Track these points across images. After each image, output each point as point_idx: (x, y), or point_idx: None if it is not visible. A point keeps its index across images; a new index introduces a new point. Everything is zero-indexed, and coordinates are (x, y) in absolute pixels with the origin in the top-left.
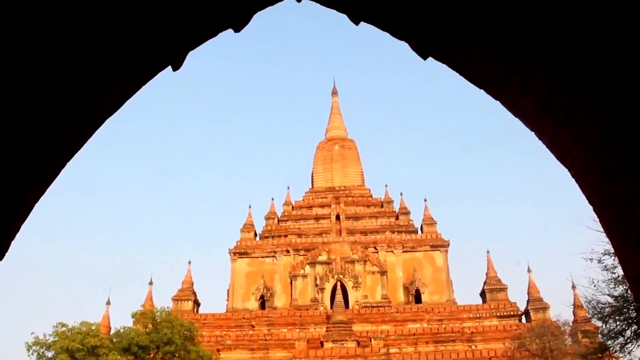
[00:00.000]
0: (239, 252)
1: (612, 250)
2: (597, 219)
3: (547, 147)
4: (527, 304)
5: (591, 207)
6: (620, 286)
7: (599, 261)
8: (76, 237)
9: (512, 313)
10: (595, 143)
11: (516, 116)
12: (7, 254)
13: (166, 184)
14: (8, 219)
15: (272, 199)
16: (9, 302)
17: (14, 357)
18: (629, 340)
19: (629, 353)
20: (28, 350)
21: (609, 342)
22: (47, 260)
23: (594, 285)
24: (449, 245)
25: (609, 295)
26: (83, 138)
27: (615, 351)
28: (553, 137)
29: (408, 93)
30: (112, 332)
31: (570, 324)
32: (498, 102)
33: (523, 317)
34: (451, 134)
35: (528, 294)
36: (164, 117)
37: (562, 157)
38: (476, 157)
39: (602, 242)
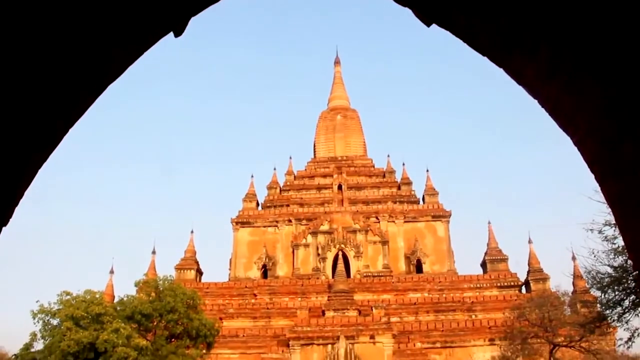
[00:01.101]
0: (241, 222)
1: (613, 221)
2: (599, 189)
3: (550, 114)
4: (527, 274)
5: (593, 176)
6: (620, 257)
7: (600, 232)
8: (81, 207)
9: (512, 283)
10: (599, 109)
11: (519, 84)
12: (13, 220)
13: (169, 155)
14: (12, 183)
15: (275, 169)
16: (15, 270)
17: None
18: (626, 310)
19: (626, 322)
20: (34, 318)
21: (607, 311)
22: (52, 230)
23: (594, 256)
24: (450, 215)
25: (608, 265)
26: (86, 103)
27: (613, 320)
28: (556, 104)
29: (411, 63)
30: (116, 300)
31: (570, 294)
32: (501, 70)
33: (523, 287)
34: (454, 105)
35: (528, 264)
36: (168, 88)
37: (565, 124)
38: (479, 128)
39: (602, 213)
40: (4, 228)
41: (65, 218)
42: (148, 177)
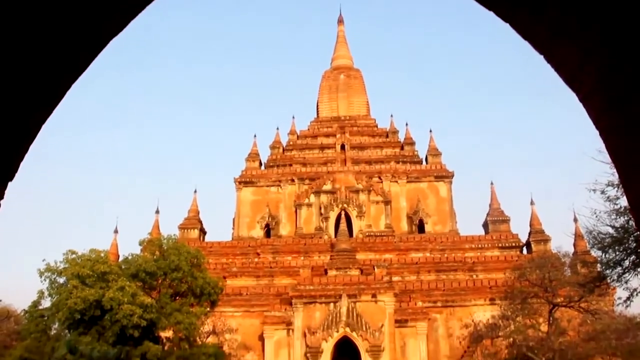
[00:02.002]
0: (244, 181)
1: (616, 182)
2: (603, 146)
3: (555, 71)
4: (528, 235)
5: (597, 134)
6: (622, 217)
7: (602, 192)
8: (85, 168)
9: (513, 244)
10: (606, 63)
11: (525, 39)
12: (20, 179)
13: (173, 113)
14: (17, 138)
15: (277, 128)
16: (23, 229)
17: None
18: (626, 270)
19: (625, 282)
20: (41, 277)
21: (608, 271)
22: (58, 190)
23: (596, 217)
24: (453, 176)
25: (610, 226)
26: (88, 59)
27: (613, 280)
28: (562, 59)
29: (415, 23)
30: (121, 259)
31: (570, 255)
32: (507, 26)
33: (524, 248)
34: (458, 65)
35: (530, 225)
36: (169, 51)
37: (571, 80)
38: (482, 89)
39: (606, 173)
40: (10, 183)
41: (70, 178)
42: (151, 137)
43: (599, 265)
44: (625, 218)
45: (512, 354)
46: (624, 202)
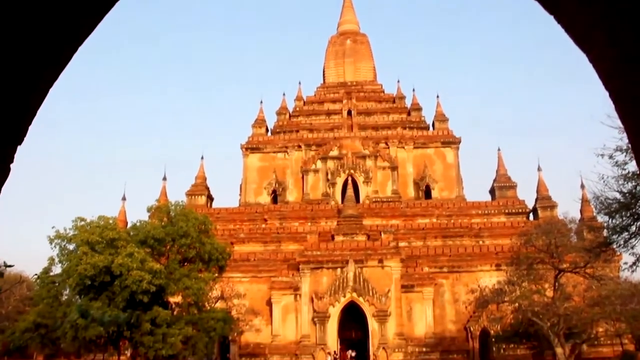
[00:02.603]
0: (251, 148)
1: (624, 147)
2: (612, 110)
3: (565, 31)
4: (535, 202)
5: (607, 95)
6: (630, 182)
7: (610, 157)
8: (93, 135)
9: (520, 210)
10: (617, 23)
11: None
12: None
13: (179, 81)
14: (24, 100)
15: (284, 94)
16: (32, 196)
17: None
18: (633, 236)
19: (631, 248)
20: (51, 243)
21: (614, 236)
22: (66, 158)
23: (603, 182)
24: (460, 142)
25: (617, 191)
26: (93, 23)
27: (619, 246)
28: (573, 20)
29: None
30: (129, 226)
31: (577, 222)
32: None
33: (531, 214)
34: (465, 31)
35: (537, 192)
36: (179, 16)
37: (581, 40)
38: (489, 54)
39: (614, 138)
40: (20, 148)
41: (78, 146)
42: (159, 105)
43: (605, 230)
44: (633, 183)
45: (518, 319)
46: (632, 167)
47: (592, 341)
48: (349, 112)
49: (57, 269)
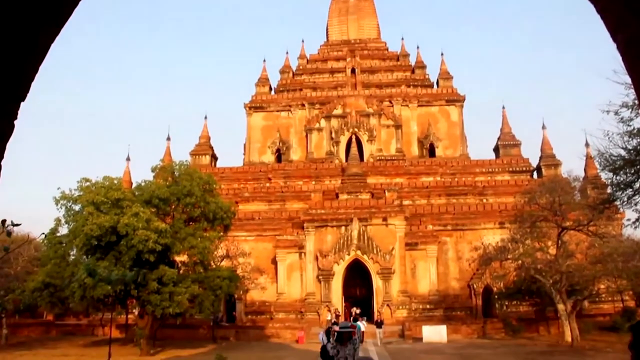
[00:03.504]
0: (255, 107)
1: (630, 103)
2: (619, 66)
3: None
4: (539, 160)
5: (615, 47)
6: (635, 139)
7: (616, 113)
8: (96, 95)
9: (524, 168)
10: None
11: None
12: (34, 109)
13: (184, 39)
14: (26, 56)
15: (287, 53)
16: (37, 157)
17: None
18: (636, 192)
19: (635, 204)
20: (57, 204)
21: (618, 193)
22: (70, 119)
23: (608, 138)
24: (464, 100)
25: (622, 148)
26: None
27: (623, 202)
28: None
29: None
30: (134, 186)
31: (581, 180)
32: None
33: (535, 172)
34: None
35: (541, 150)
36: None
37: None
38: (495, 9)
39: (620, 94)
40: (22, 104)
41: (82, 106)
42: (162, 63)
43: (609, 187)
44: (639, 140)
45: (520, 276)
46: (637, 123)
47: (594, 298)
48: (353, 71)
49: (63, 230)
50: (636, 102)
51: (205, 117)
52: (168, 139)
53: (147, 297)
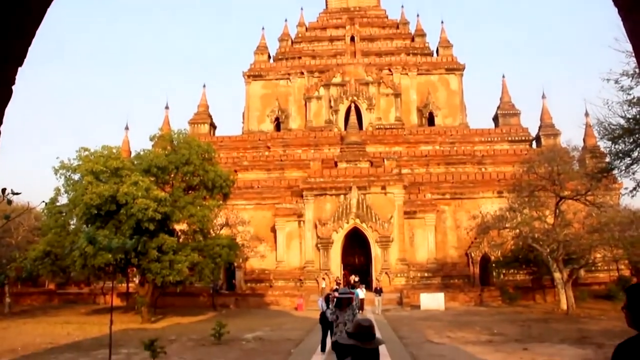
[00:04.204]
0: (253, 75)
1: (631, 71)
2: (621, 27)
3: None
4: (538, 129)
5: (616, 12)
6: (634, 108)
7: (616, 82)
8: (95, 64)
9: (523, 138)
10: None
11: None
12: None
13: (181, 9)
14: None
15: (286, 21)
16: (36, 126)
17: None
18: (635, 161)
19: (633, 174)
20: (56, 174)
21: (616, 162)
22: (69, 88)
23: (608, 107)
24: (464, 68)
25: (621, 117)
26: None
27: (621, 171)
28: None
29: None
30: (132, 155)
31: (580, 149)
32: None
33: (534, 142)
34: None
35: (540, 119)
36: None
37: None
38: None
39: (621, 62)
40: (20, 69)
41: (80, 76)
42: (160, 31)
43: (607, 156)
44: (638, 109)
45: (518, 245)
46: (637, 92)
47: (590, 267)
48: (352, 39)
49: (63, 199)
50: (637, 70)
51: (204, 86)
52: (166, 107)
53: (147, 265)
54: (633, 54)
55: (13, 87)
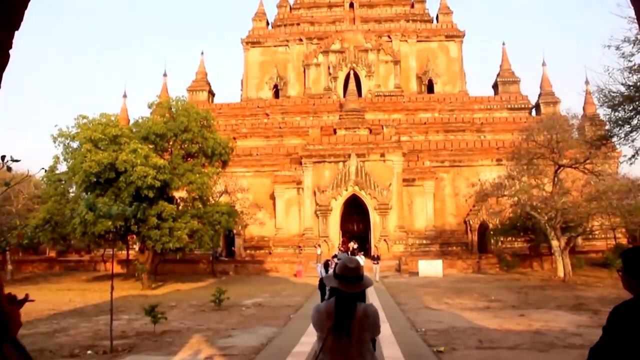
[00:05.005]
0: (252, 42)
1: (632, 38)
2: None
3: None
4: (538, 97)
5: None
6: (635, 75)
7: (617, 48)
8: (92, 31)
9: (522, 106)
10: None
11: None
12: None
13: None
14: None
15: None
16: (34, 93)
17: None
18: (634, 129)
19: (632, 141)
20: (54, 142)
21: (615, 129)
22: (67, 54)
23: (608, 74)
24: (464, 35)
25: (622, 84)
26: None
27: (620, 139)
28: None
29: None
30: (131, 123)
31: (579, 118)
32: None
33: (533, 110)
34: None
35: (540, 87)
36: None
37: None
38: None
39: (622, 29)
40: (16, 33)
41: (79, 43)
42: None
43: (607, 123)
44: (639, 76)
45: (516, 213)
46: (638, 59)
47: (587, 235)
48: (351, 5)
49: (62, 167)
50: (638, 36)
51: (202, 53)
52: (165, 75)
53: (147, 232)
54: (635, 20)
55: (10, 52)
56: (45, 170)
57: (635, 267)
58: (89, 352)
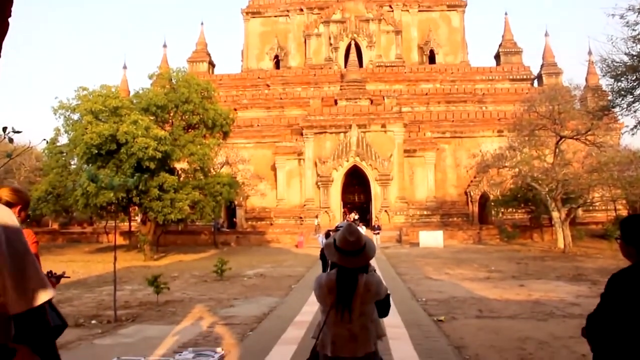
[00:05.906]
0: (252, 12)
1: (637, 6)
2: None
3: None
4: (540, 68)
5: None
6: (639, 44)
7: (621, 17)
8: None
9: (524, 77)
10: None
11: None
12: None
13: None
14: None
15: None
16: (34, 66)
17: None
18: (636, 99)
19: (634, 112)
20: (55, 114)
21: (618, 100)
22: (66, 24)
23: (612, 43)
24: (466, 5)
25: (625, 54)
26: None
27: (622, 109)
28: None
29: None
30: (131, 94)
31: (581, 89)
32: None
33: (535, 81)
34: None
35: (543, 58)
36: None
37: None
38: None
39: None
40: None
41: (78, 13)
42: None
43: (610, 94)
44: None
45: (517, 184)
46: None
47: (588, 206)
48: None
49: (63, 139)
50: None
51: (202, 24)
52: (165, 46)
53: (148, 204)
54: None
55: (9, 20)
56: (47, 142)
57: (633, 234)
58: (93, 321)
